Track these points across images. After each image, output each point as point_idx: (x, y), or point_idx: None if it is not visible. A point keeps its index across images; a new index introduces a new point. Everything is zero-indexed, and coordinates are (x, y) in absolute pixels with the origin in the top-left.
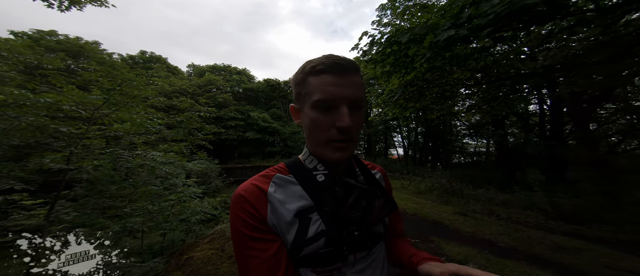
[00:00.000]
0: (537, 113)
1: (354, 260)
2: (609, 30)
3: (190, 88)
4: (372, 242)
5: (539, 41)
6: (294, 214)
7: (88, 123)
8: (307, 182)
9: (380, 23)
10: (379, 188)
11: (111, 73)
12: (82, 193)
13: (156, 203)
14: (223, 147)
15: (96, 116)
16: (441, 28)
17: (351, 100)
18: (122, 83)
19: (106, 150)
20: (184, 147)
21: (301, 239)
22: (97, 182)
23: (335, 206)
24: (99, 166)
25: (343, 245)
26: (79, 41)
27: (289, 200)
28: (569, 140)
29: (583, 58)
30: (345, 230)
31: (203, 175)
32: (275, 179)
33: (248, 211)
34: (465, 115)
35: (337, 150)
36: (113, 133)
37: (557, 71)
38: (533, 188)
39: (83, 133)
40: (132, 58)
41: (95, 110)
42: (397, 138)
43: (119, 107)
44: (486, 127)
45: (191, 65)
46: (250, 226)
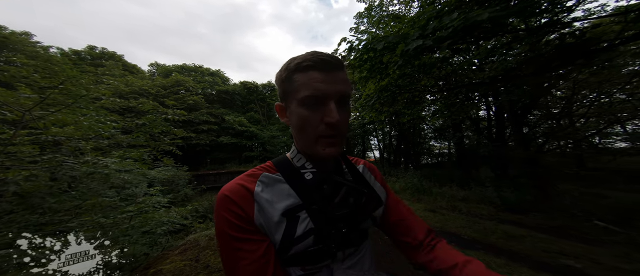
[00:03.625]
0: (485, 118)
1: (342, 256)
2: (534, 47)
3: (152, 89)
4: (360, 238)
5: (485, 54)
6: (281, 213)
7: (16, 127)
8: (295, 180)
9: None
10: (365, 184)
11: (49, 69)
12: (8, 208)
13: (110, 216)
14: (193, 152)
15: (27, 118)
16: (411, 38)
17: (339, 96)
18: (65, 81)
19: (42, 157)
20: (146, 153)
21: (290, 238)
22: (29, 195)
23: (323, 204)
24: (31, 176)
25: (332, 243)
26: (3, 31)
27: (276, 199)
28: (510, 142)
29: (517, 71)
30: (333, 228)
31: (169, 183)
32: (262, 178)
33: (234, 212)
34: (431, 119)
35: (328, 145)
36: (51, 138)
37: (499, 81)
38: (485, 184)
39: (8, 138)
40: (76, 53)
41: (26, 111)
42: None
43: (59, 108)
44: (448, 130)
45: (154, 64)
46: (236, 227)
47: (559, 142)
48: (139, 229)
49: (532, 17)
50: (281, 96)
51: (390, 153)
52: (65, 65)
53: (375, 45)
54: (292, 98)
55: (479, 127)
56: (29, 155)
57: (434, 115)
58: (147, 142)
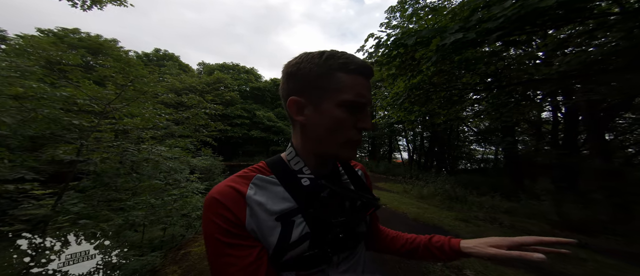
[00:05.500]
0: (550, 121)
1: (337, 260)
2: (631, 34)
3: (199, 86)
4: (355, 242)
5: (554, 46)
6: (276, 217)
7: (100, 117)
8: (290, 183)
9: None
10: (363, 187)
11: (125, 70)
12: (90, 184)
13: (159, 198)
14: (228, 144)
15: (108, 110)
16: (449, 31)
17: (370, 104)
18: (134, 80)
19: (114, 143)
20: (190, 143)
21: (285, 243)
22: (104, 174)
23: (319, 209)
24: (107, 158)
25: (327, 247)
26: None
27: (270, 203)
28: (583, 150)
29: (602, 64)
30: (330, 233)
31: (207, 171)
32: (255, 180)
33: (224, 216)
34: (474, 121)
35: (352, 149)
36: (122, 127)
37: (573, 77)
38: (540, 198)
39: (94, 126)
40: (146, 55)
41: (108, 104)
42: (402, 142)
43: (130, 102)
44: (495, 133)
45: (201, 63)
46: (226, 232)
47: None
48: (180, 211)
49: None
50: (302, 90)
51: (420, 156)
52: (138, 65)
53: (406, 40)
54: (328, 97)
55: (541, 131)
56: (108, 141)
57: (477, 116)
58: (191, 133)
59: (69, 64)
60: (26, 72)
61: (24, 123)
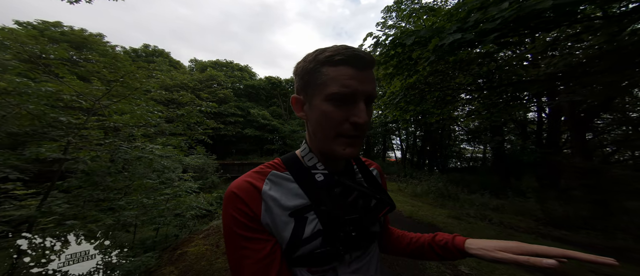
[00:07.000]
0: (535, 121)
1: (349, 259)
2: (614, 39)
3: (191, 83)
4: (368, 241)
5: (542, 48)
6: (289, 213)
7: (88, 114)
8: (304, 179)
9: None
10: (378, 187)
11: (114, 65)
12: (77, 184)
13: (151, 197)
14: (221, 142)
15: (96, 107)
16: (447, 31)
17: (367, 96)
18: (124, 75)
19: (105, 141)
20: (183, 141)
21: (297, 239)
22: (93, 173)
23: (333, 207)
24: (96, 157)
25: (340, 245)
26: (83, 33)
27: (284, 199)
28: (565, 149)
29: (585, 67)
30: (342, 230)
31: (200, 170)
32: (270, 176)
33: (241, 210)
34: (464, 120)
35: (348, 145)
36: (112, 125)
37: (558, 79)
38: (526, 195)
39: (82, 123)
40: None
41: (96, 101)
42: (395, 141)
43: (120, 99)
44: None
45: (193, 60)
46: (244, 225)
47: (634, 151)
48: (173, 211)
49: (616, 2)
50: (301, 88)
51: (413, 155)
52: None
53: (404, 40)
54: (316, 92)
55: (526, 130)
56: (97, 138)
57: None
58: (185, 131)
59: (52, 58)
60: (8, 67)
61: (5, 120)
